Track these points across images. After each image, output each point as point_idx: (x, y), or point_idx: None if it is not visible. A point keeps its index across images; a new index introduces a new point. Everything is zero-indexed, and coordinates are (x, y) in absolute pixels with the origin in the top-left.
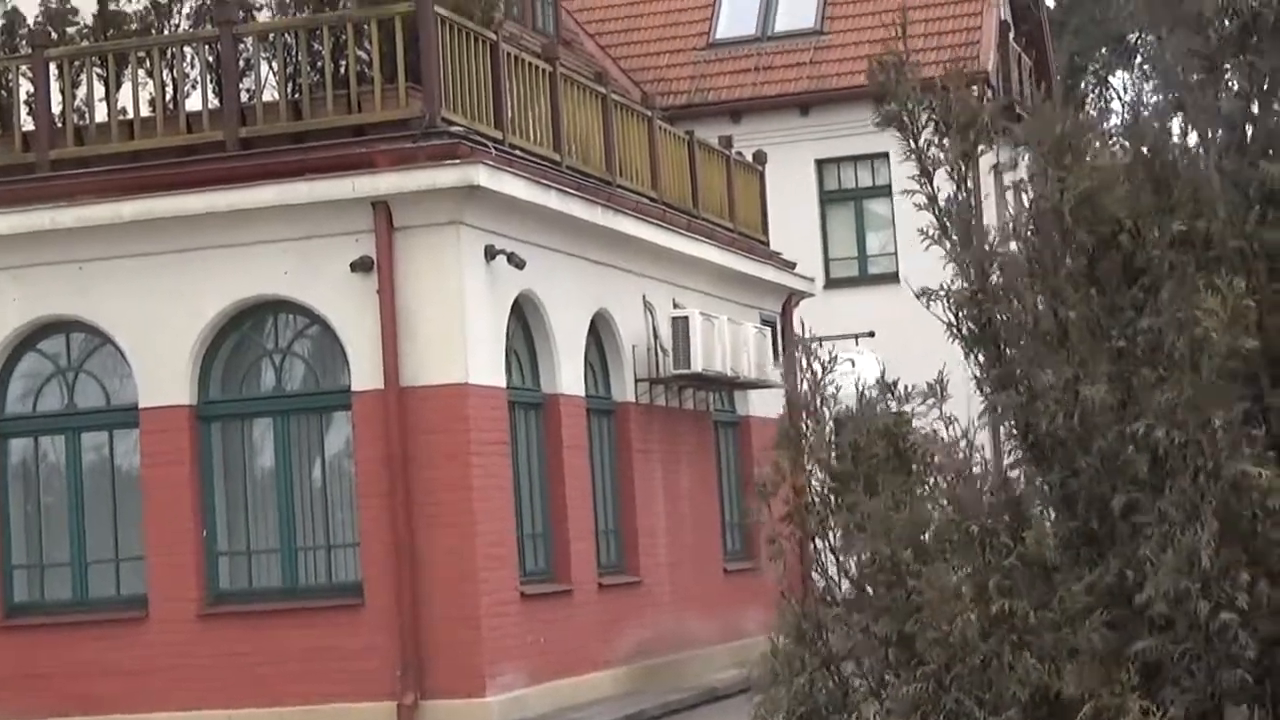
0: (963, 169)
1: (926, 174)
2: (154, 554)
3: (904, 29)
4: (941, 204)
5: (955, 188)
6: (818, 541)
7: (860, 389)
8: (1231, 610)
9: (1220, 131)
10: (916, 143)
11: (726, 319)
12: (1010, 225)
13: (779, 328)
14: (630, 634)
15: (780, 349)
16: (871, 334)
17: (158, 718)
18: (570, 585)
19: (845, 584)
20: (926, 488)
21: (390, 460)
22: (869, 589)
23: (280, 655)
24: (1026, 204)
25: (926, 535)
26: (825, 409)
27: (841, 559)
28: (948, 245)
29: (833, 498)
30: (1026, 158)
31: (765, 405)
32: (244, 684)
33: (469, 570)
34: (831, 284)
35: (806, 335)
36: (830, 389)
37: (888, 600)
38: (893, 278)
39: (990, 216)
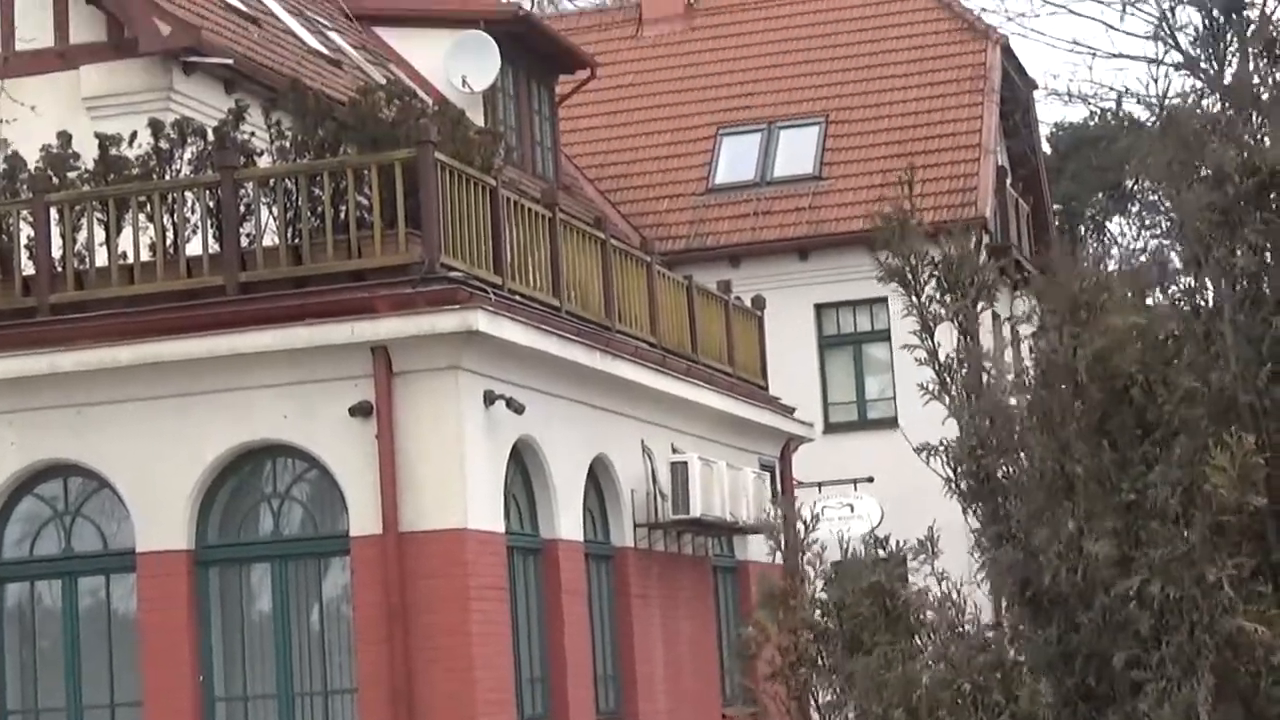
0: (965, 324)
1: (928, 329)
2: (151, 700)
3: (910, 186)
4: (942, 359)
5: (957, 343)
6: (803, 700)
7: (846, 544)
8: None
9: (1235, 286)
10: (919, 298)
11: (725, 464)
12: (1015, 379)
13: (778, 472)
14: None
15: (779, 494)
16: (871, 479)
17: None
18: None
19: None
20: (917, 646)
21: (389, 605)
22: None
23: None
24: (1031, 357)
25: (918, 695)
26: (810, 567)
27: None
28: (948, 400)
29: (819, 657)
30: (1036, 313)
31: (764, 550)
32: None
33: (468, 715)
34: (831, 428)
35: (796, 485)
36: (815, 546)
37: None
38: (892, 422)
39: (991, 370)
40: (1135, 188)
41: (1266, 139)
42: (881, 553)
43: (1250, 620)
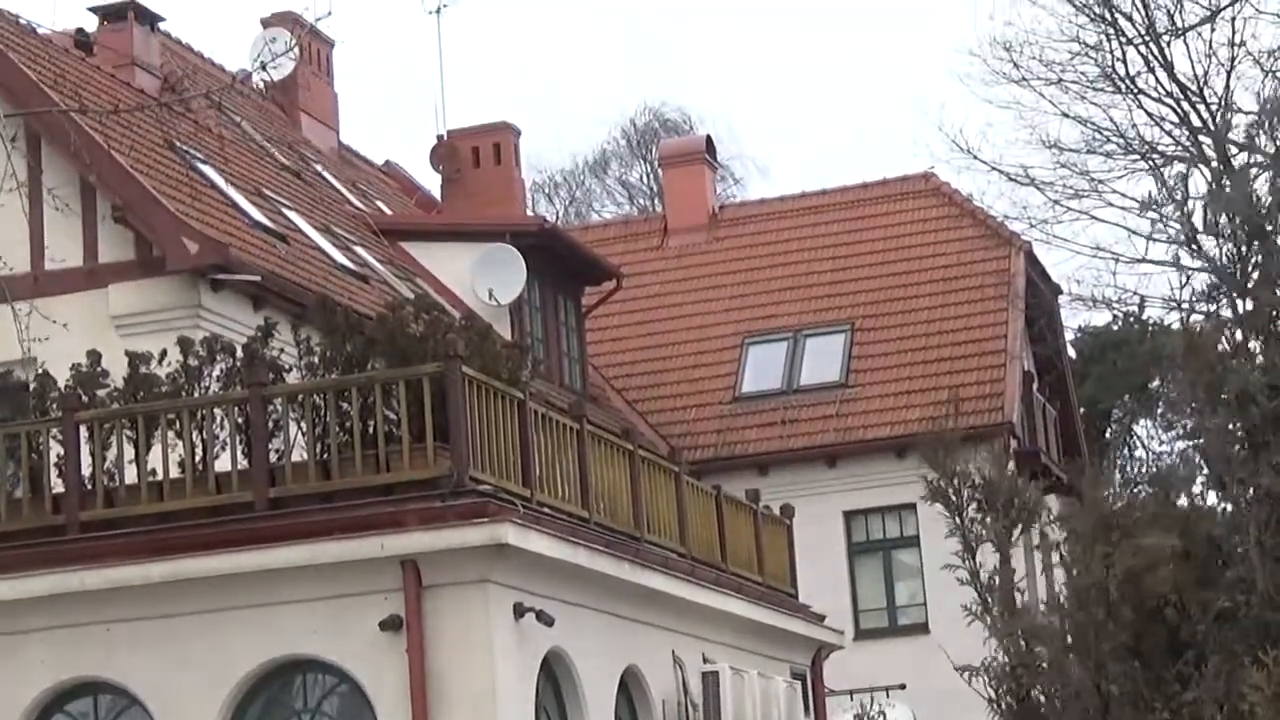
0: (1006, 547)
1: (969, 549)
2: None
3: (956, 408)
4: (983, 579)
5: (998, 563)
6: None
7: None
8: None
9: (1259, 507)
10: (961, 519)
11: (756, 673)
12: (1052, 600)
13: (809, 680)
14: None
15: (811, 703)
16: (903, 686)
17: None
18: None
19: None
20: None
21: None
22: None
23: None
24: (1066, 579)
25: None
26: None
27: None
28: (988, 620)
29: None
30: (1066, 534)
31: None
32: None
33: None
34: (861, 635)
35: (827, 693)
36: None
37: None
38: (922, 628)
39: (1029, 592)
40: (1160, 390)
41: None
42: None
43: None
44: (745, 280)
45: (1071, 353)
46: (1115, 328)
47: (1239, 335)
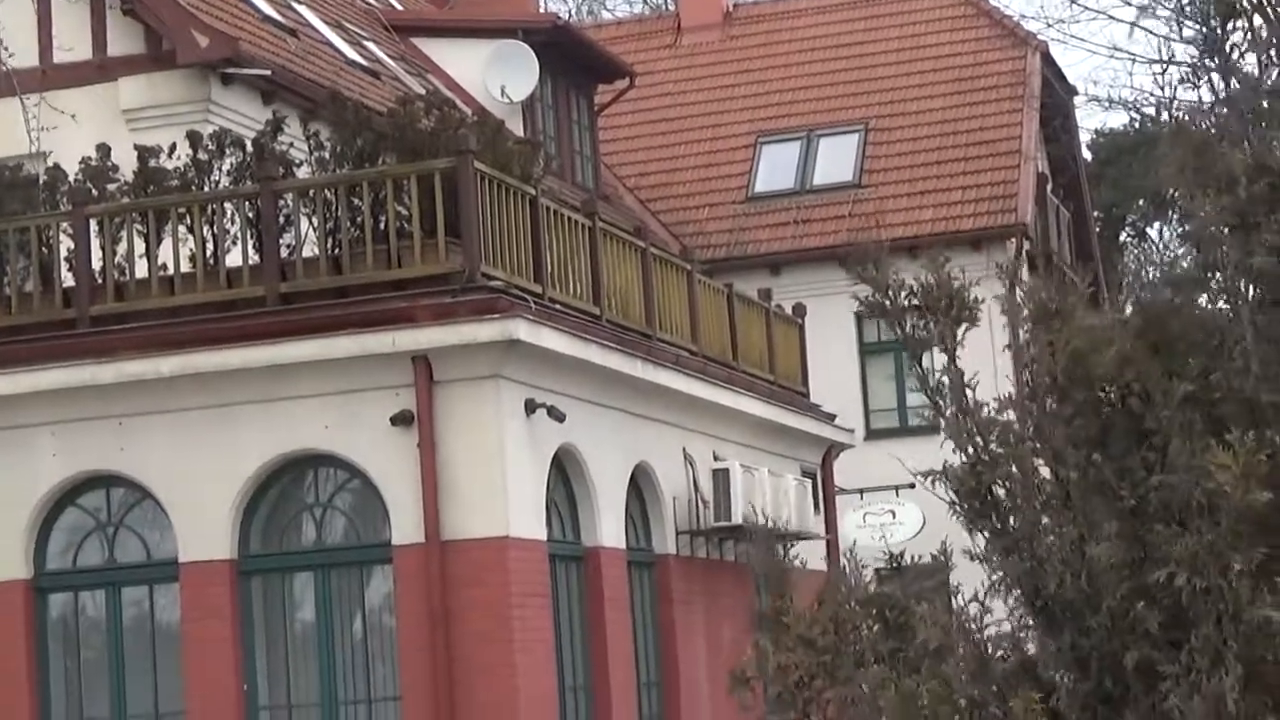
0: (951, 345)
1: (915, 355)
2: (195, 709)
3: (945, 260)
4: (932, 384)
5: (946, 363)
6: (813, 718)
7: (845, 557)
8: None
9: (1252, 288)
10: (901, 329)
11: (767, 470)
12: (1007, 395)
13: (819, 479)
14: None
15: (820, 501)
16: (912, 485)
17: None
18: None
19: None
20: (916, 661)
21: (431, 614)
22: None
23: None
24: (1019, 372)
25: (917, 710)
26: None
27: None
28: (943, 423)
29: (823, 673)
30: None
31: (806, 556)
32: None
33: None
34: (872, 435)
35: (837, 491)
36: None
37: None
38: (933, 429)
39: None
40: (1173, 195)
41: (1276, 142)
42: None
43: (1275, 610)
44: (759, 79)
45: (1087, 155)
46: (1131, 132)
47: (1224, 115)
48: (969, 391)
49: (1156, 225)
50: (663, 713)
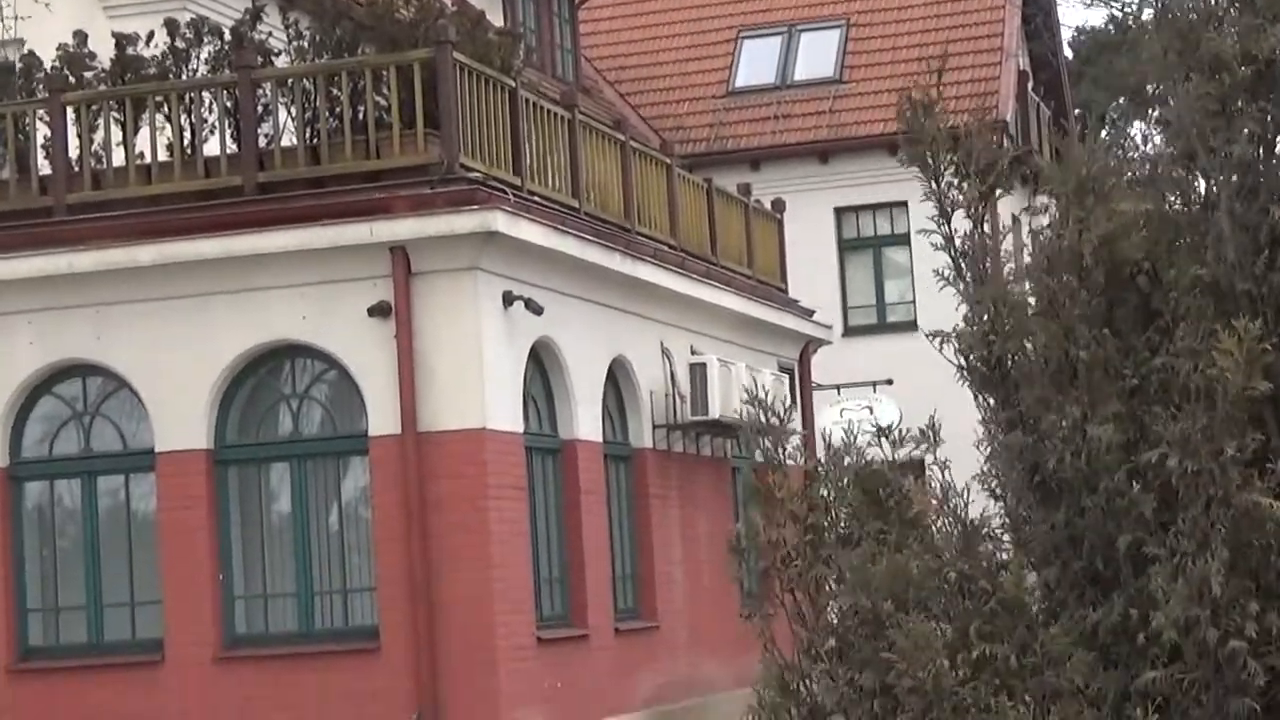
0: (980, 211)
1: (945, 215)
2: (170, 598)
3: (940, 75)
4: (958, 246)
5: (972, 228)
6: (797, 594)
7: (828, 439)
8: (1240, 638)
9: (1231, 176)
10: (938, 184)
11: (744, 365)
12: (1025, 267)
13: (796, 374)
14: (647, 679)
15: (798, 396)
16: (890, 381)
17: None
18: (587, 630)
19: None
20: (906, 536)
21: (407, 505)
22: (852, 640)
23: (296, 699)
24: (1042, 247)
25: (906, 584)
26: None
27: (821, 611)
28: (961, 286)
29: (808, 551)
30: (1050, 203)
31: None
32: None
33: (485, 615)
34: (850, 331)
35: (815, 387)
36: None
37: (869, 652)
38: (911, 325)
39: (1010, 263)
40: (1155, 92)
41: (1265, 28)
42: (885, 443)
43: (1263, 495)
44: None
45: (1069, 53)
46: (1112, 29)
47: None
48: (989, 260)
49: (1136, 124)
50: (638, 605)
